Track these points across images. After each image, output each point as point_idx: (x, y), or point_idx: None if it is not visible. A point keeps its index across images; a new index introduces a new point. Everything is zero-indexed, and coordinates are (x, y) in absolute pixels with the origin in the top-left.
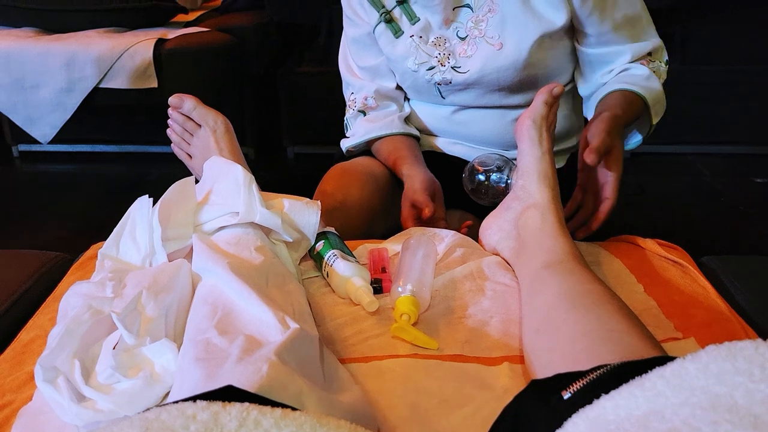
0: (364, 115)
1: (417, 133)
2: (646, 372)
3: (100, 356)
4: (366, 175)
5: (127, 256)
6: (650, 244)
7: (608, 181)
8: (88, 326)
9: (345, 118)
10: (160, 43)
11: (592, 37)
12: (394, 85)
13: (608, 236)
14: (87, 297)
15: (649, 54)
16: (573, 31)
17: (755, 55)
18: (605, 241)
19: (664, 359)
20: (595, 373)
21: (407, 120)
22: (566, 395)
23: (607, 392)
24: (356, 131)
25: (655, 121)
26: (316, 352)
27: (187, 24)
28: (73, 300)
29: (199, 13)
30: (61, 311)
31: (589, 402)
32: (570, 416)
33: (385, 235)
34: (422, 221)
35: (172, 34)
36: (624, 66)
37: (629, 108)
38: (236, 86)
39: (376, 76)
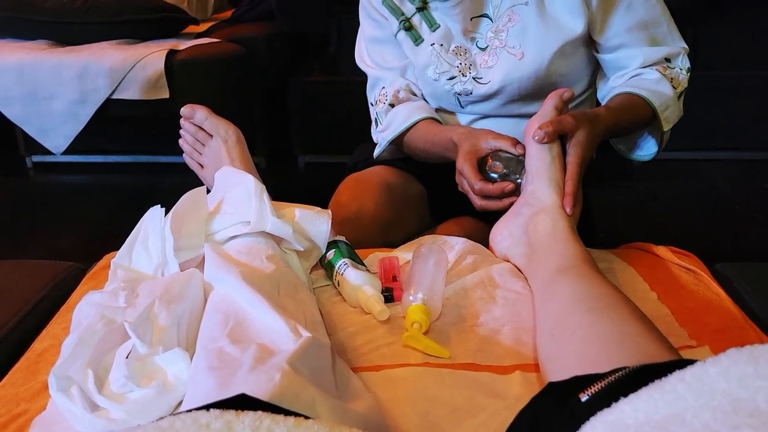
0: (393, 108)
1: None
2: (665, 375)
3: (113, 365)
4: (380, 185)
5: (139, 266)
6: (663, 251)
7: (568, 172)
8: (101, 336)
9: (375, 113)
10: (171, 54)
11: (605, 41)
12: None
13: (620, 243)
14: (100, 306)
15: (668, 60)
16: (590, 38)
17: (767, 60)
18: (618, 248)
19: (683, 362)
20: (613, 376)
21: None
22: (584, 398)
23: (625, 395)
24: (391, 121)
25: (665, 127)
26: (328, 361)
27: (198, 35)
28: (87, 310)
29: (209, 24)
30: (75, 321)
31: (608, 405)
32: (588, 419)
33: (398, 246)
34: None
35: (183, 45)
36: (636, 71)
37: (623, 109)
38: (247, 96)
39: (403, 76)
